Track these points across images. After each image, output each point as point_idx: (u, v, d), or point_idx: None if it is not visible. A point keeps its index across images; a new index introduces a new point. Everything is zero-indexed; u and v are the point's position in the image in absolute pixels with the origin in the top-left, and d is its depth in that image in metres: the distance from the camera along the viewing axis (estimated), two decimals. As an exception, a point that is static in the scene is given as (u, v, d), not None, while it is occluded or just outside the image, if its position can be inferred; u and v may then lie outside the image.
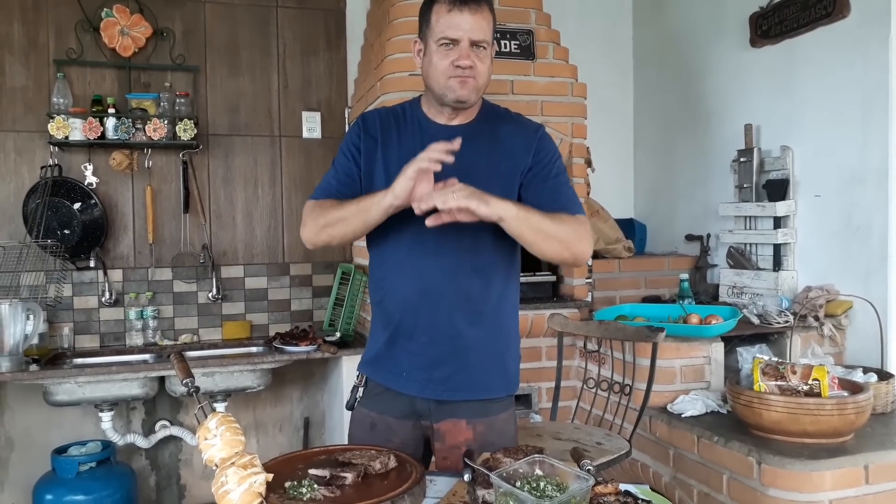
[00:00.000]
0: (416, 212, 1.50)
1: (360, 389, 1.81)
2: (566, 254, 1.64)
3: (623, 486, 1.37)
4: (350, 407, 1.83)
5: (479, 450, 1.60)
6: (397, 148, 1.71)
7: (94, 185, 3.53)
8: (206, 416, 1.34)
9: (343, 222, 1.64)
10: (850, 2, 3.02)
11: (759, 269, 3.48)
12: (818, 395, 2.38)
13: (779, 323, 3.06)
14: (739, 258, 3.57)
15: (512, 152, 1.71)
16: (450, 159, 1.49)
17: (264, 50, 3.82)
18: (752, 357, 2.65)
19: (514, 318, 1.82)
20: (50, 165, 3.45)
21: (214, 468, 1.29)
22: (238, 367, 3.24)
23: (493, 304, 1.73)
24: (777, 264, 3.39)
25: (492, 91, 3.19)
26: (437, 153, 1.49)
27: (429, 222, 1.50)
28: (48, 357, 3.25)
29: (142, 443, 3.47)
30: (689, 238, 3.99)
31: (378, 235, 1.74)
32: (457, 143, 1.51)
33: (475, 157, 1.67)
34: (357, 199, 1.63)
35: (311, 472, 1.41)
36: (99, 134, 3.38)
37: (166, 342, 3.61)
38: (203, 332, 3.74)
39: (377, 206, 1.56)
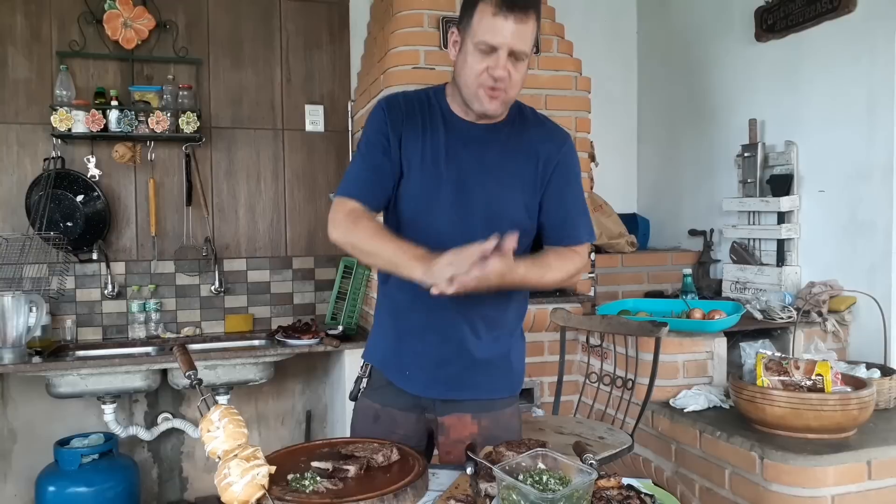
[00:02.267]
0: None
1: (364, 380, 1.79)
2: (550, 288, 1.88)
3: (625, 481, 1.36)
4: (354, 398, 1.81)
5: (484, 443, 1.59)
6: (423, 140, 1.63)
7: (97, 178, 3.53)
8: (208, 409, 1.33)
9: (373, 258, 1.60)
10: (856, -4, 3.01)
11: (762, 264, 3.48)
12: (821, 390, 2.38)
13: (782, 318, 3.05)
14: (743, 253, 3.56)
15: (535, 160, 1.65)
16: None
17: (267, 43, 3.81)
18: (756, 352, 2.64)
19: (521, 320, 1.82)
20: (53, 158, 3.45)
21: (217, 460, 1.29)
22: (240, 360, 3.24)
23: (502, 307, 1.72)
24: (780, 260, 3.38)
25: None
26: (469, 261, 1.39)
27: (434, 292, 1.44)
28: (51, 349, 3.26)
29: (144, 435, 3.48)
30: (693, 233, 3.98)
31: (399, 218, 1.69)
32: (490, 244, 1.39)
33: (498, 159, 1.63)
34: (393, 247, 1.52)
35: (314, 464, 1.41)
36: (102, 126, 3.38)
37: (169, 335, 3.61)
38: (205, 325, 3.75)
39: (406, 273, 1.49)
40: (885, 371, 2.75)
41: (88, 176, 3.51)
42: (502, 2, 1.47)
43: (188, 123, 3.50)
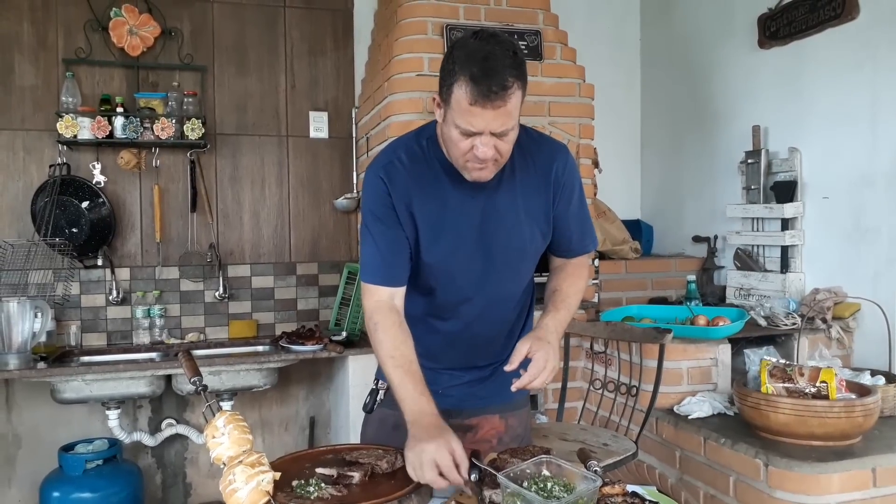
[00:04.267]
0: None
1: (381, 392, 1.75)
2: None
3: (630, 488, 1.36)
4: (369, 410, 1.77)
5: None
6: (431, 201, 1.59)
7: (103, 184, 3.54)
8: (213, 415, 1.34)
9: (385, 374, 1.58)
10: (859, 3, 3.00)
11: (766, 270, 3.47)
12: (826, 397, 2.37)
13: (786, 325, 3.05)
14: (747, 260, 3.56)
15: (541, 188, 1.64)
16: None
17: (272, 50, 3.83)
18: (760, 359, 2.64)
19: (532, 324, 1.85)
20: (58, 164, 3.46)
21: (222, 466, 1.29)
22: (244, 366, 3.25)
23: (522, 323, 1.79)
24: (784, 266, 3.37)
25: (499, 91, 3.20)
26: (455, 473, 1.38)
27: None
28: (56, 355, 3.27)
29: (148, 441, 3.48)
30: (696, 239, 3.98)
31: (422, 280, 1.67)
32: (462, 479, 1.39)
33: (510, 199, 1.60)
34: (398, 381, 1.52)
35: (319, 470, 1.41)
36: (107, 133, 3.40)
37: (173, 341, 3.62)
38: (209, 331, 3.75)
39: (404, 411, 1.50)
40: (890, 378, 2.73)
41: (94, 182, 3.53)
42: (478, 94, 1.37)
43: (193, 130, 3.51)
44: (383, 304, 1.58)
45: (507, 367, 1.52)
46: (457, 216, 1.59)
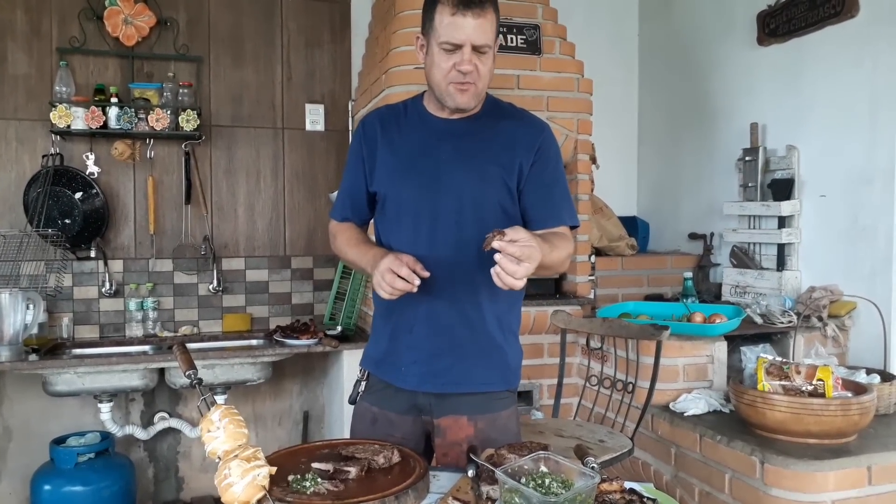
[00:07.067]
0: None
1: (363, 384, 1.81)
2: (550, 273, 1.73)
3: (627, 485, 1.35)
4: (353, 401, 1.82)
5: (481, 446, 1.60)
6: (398, 141, 1.73)
7: (96, 175, 3.51)
8: (208, 408, 1.32)
9: (350, 263, 1.81)
10: (859, 1, 3.00)
11: (762, 268, 3.47)
12: (822, 395, 2.37)
13: (782, 323, 3.05)
14: (743, 257, 3.56)
15: (513, 146, 1.70)
16: (425, 274, 1.55)
17: (268, 41, 3.80)
18: (756, 356, 2.64)
19: (515, 314, 1.81)
20: (51, 154, 3.43)
21: (217, 461, 1.28)
22: (238, 360, 3.23)
23: (495, 298, 1.71)
24: (781, 264, 3.37)
25: (497, 86, 3.18)
26: (406, 269, 1.52)
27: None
28: (48, 347, 3.24)
29: (140, 434, 3.47)
30: (693, 236, 3.98)
31: (380, 229, 1.78)
32: (426, 273, 1.55)
33: (475, 147, 1.68)
34: (358, 250, 1.74)
35: (315, 465, 1.40)
36: (101, 123, 3.37)
37: (166, 334, 3.60)
38: (203, 325, 3.73)
39: (368, 270, 1.67)
40: (886, 376, 2.74)
41: (87, 173, 3.49)
42: (458, 3, 1.55)
43: (188, 121, 3.48)
44: (336, 224, 1.85)
45: (486, 244, 1.39)
46: (421, 155, 1.70)
